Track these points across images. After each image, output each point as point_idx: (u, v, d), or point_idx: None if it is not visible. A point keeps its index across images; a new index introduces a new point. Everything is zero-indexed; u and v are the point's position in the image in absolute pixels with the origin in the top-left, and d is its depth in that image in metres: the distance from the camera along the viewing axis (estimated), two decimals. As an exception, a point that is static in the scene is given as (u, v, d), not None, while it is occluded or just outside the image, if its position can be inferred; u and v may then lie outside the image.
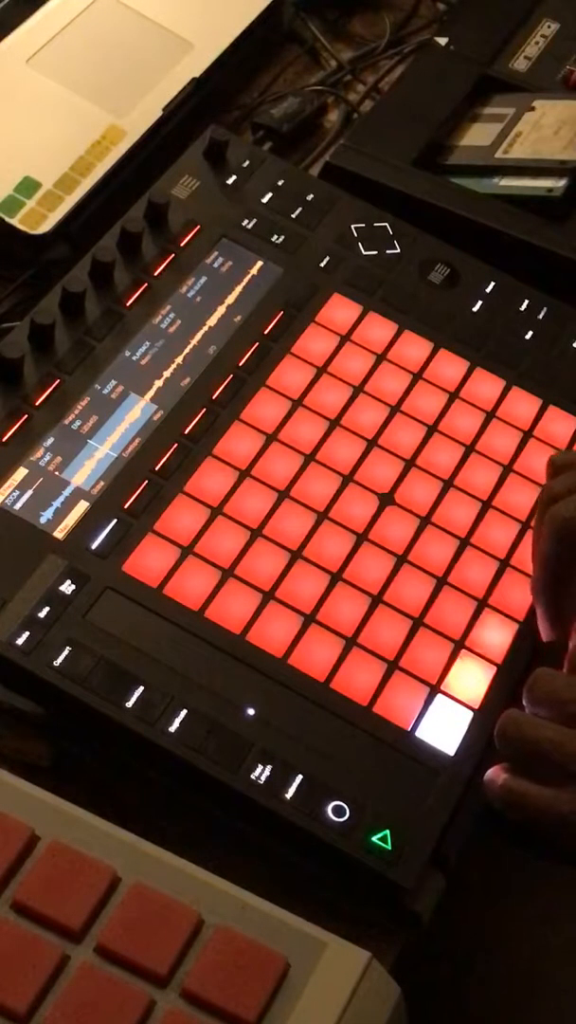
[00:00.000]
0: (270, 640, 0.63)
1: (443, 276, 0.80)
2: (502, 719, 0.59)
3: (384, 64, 1.00)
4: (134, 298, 0.74)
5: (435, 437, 0.73)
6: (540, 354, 0.78)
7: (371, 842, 0.59)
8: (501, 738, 0.58)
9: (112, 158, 0.83)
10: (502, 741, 0.58)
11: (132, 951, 0.50)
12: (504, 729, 0.58)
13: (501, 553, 0.69)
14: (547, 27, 0.98)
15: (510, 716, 0.59)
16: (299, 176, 0.85)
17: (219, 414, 0.71)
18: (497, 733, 0.59)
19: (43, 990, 0.49)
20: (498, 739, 0.59)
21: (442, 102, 0.91)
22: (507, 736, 0.58)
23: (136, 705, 0.60)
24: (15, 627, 0.61)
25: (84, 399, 0.70)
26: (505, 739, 0.58)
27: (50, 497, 0.66)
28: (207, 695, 0.61)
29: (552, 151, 0.86)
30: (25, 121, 0.84)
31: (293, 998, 0.50)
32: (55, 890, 0.51)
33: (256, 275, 0.77)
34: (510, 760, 0.58)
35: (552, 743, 0.57)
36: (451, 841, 0.60)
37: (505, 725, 0.58)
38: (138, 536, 0.65)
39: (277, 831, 0.59)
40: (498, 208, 0.84)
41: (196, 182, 0.80)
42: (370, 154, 0.86)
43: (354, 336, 0.76)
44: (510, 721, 0.58)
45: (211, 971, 0.50)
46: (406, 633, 0.65)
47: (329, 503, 0.69)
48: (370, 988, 0.51)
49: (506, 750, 0.58)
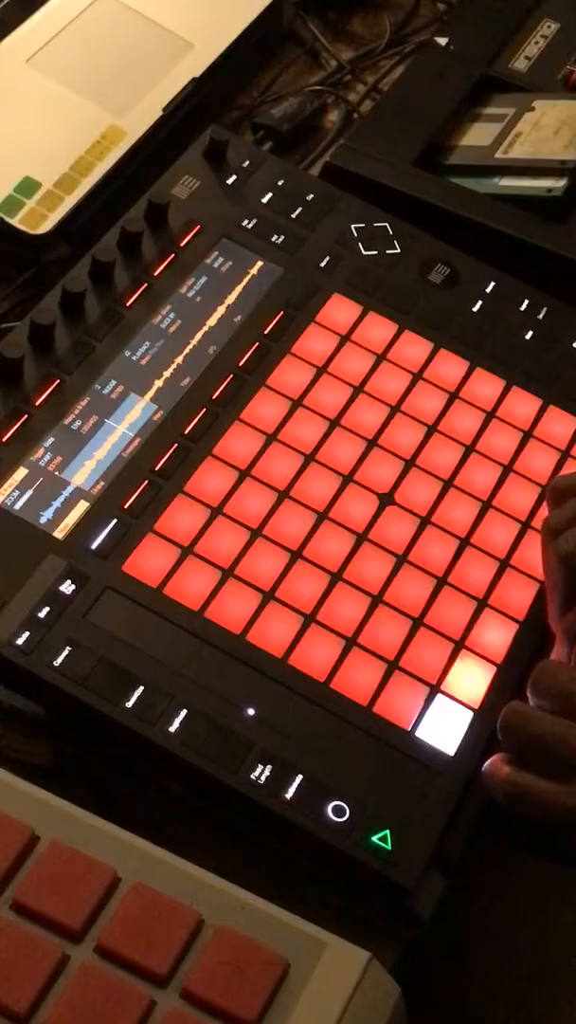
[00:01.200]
0: (270, 640, 0.63)
1: (443, 276, 0.80)
2: (506, 711, 0.58)
3: (384, 64, 1.00)
4: (134, 298, 0.74)
5: (435, 437, 0.73)
6: (540, 354, 0.78)
7: (371, 842, 0.59)
8: (505, 731, 0.58)
9: (112, 158, 0.83)
10: (506, 734, 0.58)
11: (132, 951, 0.50)
12: (508, 722, 0.58)
13: (501, 553, 0.69)
14: (547, 27, 0.98)
15: (514, 709, 0.58)
16: (299, 176, 0.85)
17: (219, 414, 0.71)
18: (501, 725, 0.58)
19: (43, 990, 0.49)
20: (502, 731, 0.58)
21: (442, 102, 0.91)
22: (512, 729, 0.58)
23: (136, 705, 0.60)
24: (15, 627, 0.61)
25: (84, 399, 0.70)
26: (509, 732, 0.58)
27: (50, 497, 0.66)
28: (207, 695, 0.61)
29: (552, 151, 0.86)
30: (25, 121, 0.84)
31: (293, 998, 0.50)
32: (55, 890, 0.51)
33: (256, 275, 0.77)
34: (513, 753, 0.58)
35: (558, 737, 0.56)
36: (451, 841, 0.60)
37: (509, 718, 0.58)
38: (138, 536, 0.65)
39: (277, 831, 0.59)
40: (498, 208, 0.84)
41: (196, 182, 0.80)
42: (370, 154, 0.86)
43: (354, 336, 0.76)
44: (514, 714, 0.58)
45: (211, 971, 0.50)
46: (406, 633, 0.65)
47: (329, 503, 0.69)
48: (370, 988, 0.51)
49: (510, 743, 0.58)
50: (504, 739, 0.58)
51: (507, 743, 0.58)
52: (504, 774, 0.57)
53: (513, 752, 0.58)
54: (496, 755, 0.59)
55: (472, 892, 0.72)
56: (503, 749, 0.59)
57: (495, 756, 0.59)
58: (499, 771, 0.58)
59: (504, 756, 0.58)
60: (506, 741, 0.58)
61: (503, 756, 0.58)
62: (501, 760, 0.58)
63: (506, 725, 0.58)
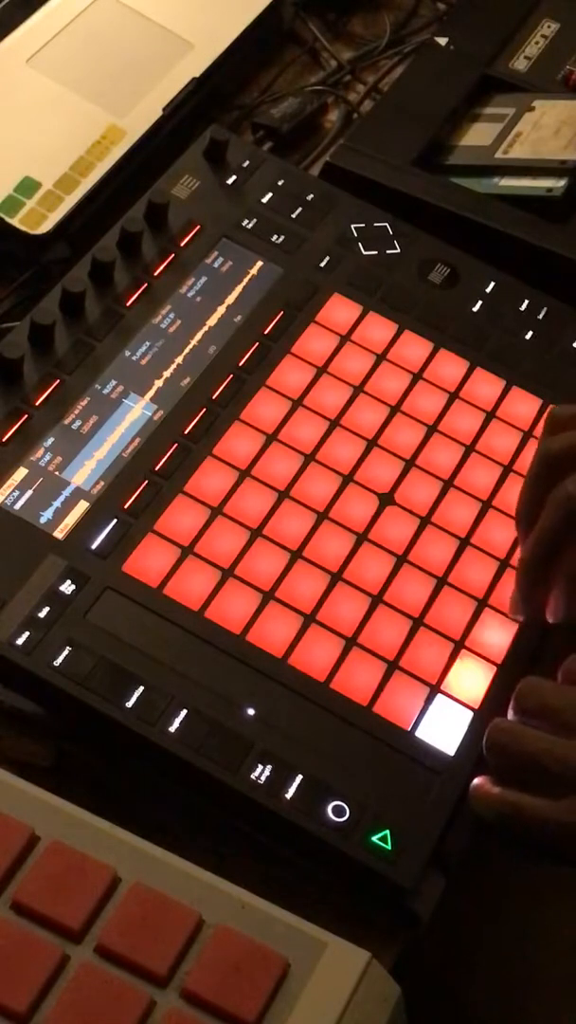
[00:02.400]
0: (270, 640, 0.63)
1: (443, 276, 0.80)
2: (490, 730, 0.57)
3: (384, 64, 1.00)
4: (134, 298, 0.74)
5: (435, 437, 0.73)
6: (540, 354, 0.78)
7: (371, 842, 0.59)
8: (492, 749, 0.57)
9: (112, 158, 0.83)
10: (493, 752, 0.57)
11: (132, 951, 0.50)
12: (494, 740, 0.57)
13: (501, 553, 0.69)
14: (547, 27, 0.98)
15: (498, 727, 0.57)
16: (299, 176, 0.85)
17: (219, 414, 0.71)
18: (487, 745, 0.57)
19: (43, 990, 0.49)
20: (488, 751, 0.57)
21: (442, 102, 0.91)
22: (497, 746, 0.57)
23: (136, 705, 0.60)
24: (15, 627, 0.61)
25: (84, 399, 0.70)
26: (495, 750, 0.57)
27: (50, 497, 0.66)
28: (207, 695, 0.61)
29: (552, 151, 0.86)
30: (25, 121, 0.84)
31: (293, 998, 0.50)
32: (55, 890, 0.51)
33: (256, 275, 0.77)
34: (501, 772, 0.57)
35: (548, 753, 0.55)
36: (451, 841, 0.60)
37: (494, 736, 0.57)
38: (138, 536, 0.65)
39: (277, 831, 0.59)
40: (498, 208, 0.84)
41: (196, 182, 0.80)
42: (370, 154, 0.86)
43: (354, 336, 0.76)
44: (499, 732, 0.57)
45: (211, 971, 0.50)
46: (406, 633, 0.65)
47: (329, 503, 0.69)
48: (370, 988, 0.51)
49: (497, 761, 0.57)
50: (491, 758, 0.57)
51: (494, 762, 0.57)
52: (493, 794, 0.56)
53: (500, 771, 0.57)
54: (482, 777, 0.57)
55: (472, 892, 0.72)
56: (489, 770, 0.57)
57: (481, 778, 0.57)
58: (488, 792, 0.56)
59: (490, 778, 0.57)
60: (493, 760, 0.57)
61: (489, 778, 0.57)
62: (488, 781, 0.57)
63: (492, 744, 0.57)
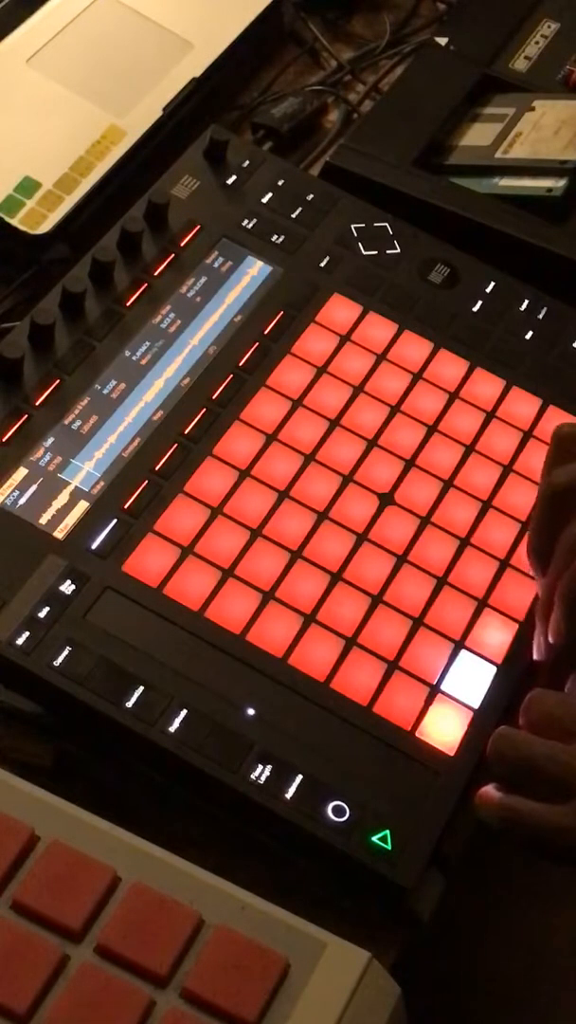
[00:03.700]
0: (270, 640, 0.63)
1: (443, 276, 0.80)
2: (494, 738, 0.58)
3: (384, 64, 1.00)
4: (134, 298, 0.74)
5: (435, 437, 0.73)
6: (540, 354, 0.78)
7: (371, 842, 0.59)
8: (495, 756, 0.57)
9: (112, 158, 0.83)
10: (496, 759, 0.57)
11: (132, 951, 0.50)
12: (497, 747, 0.57)
13: (501, 553, 0.69)
14: (547, 27, 0.98)
15: (502, 734, 0.58)
16: (299, 176, 0.85)
17: (219, 414, 0.71)
18: (490, 752, 0.58)
19: (43, 990, 0.49)
20: (491, 757, 0.58)
21: (442, 102, 0.91)
22: (500, 753, 0.57)
23: (136, 705, 0.60)
24: (15, 627, 0.61)
25: (84, 399, 0.70)
26: (498, 756, 0.57)
27: (50, 497, 0.66)
28: (207, 695, 0.61)
29: (552, 151, 0.86)
30: (25, 121, 0.84)
31: (293, 998, 0.50)
32: (55, 890, 0.51)
33: (256, 275, 0.77)
34: (504, 779, 0.57)
35: (549, 758, 0.56)
36: (451, 841, 0.60)
37: (498, 743, 0.57)
38: (138, 536, 0.65)
39: (277, 831, 0.59)
40: (498, 208, 0.84)
41: (196, 182, 0.80)
42: (370, 154, 0.86)
43: (354, 336, 0.76)
44: (502, 738, 0.57)
45: (211, 971, 0.50)
46: (406, 633, 0.65)
47: (329, 503, 0.69)
48: (370, 988, 0.51)
49: (500, 767, 0.57)
50: (494, 765, 0.57)
51: (497, 768, 0.57)
52: (497, 800, 0.57)
53: (504, 777, 0.57)
54: (487, 785, 0.58)
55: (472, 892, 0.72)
56: (493, 777, 0.58)
57: (486, 786, 0.58)
58: (491, 798, 0.57)
59: (495, 784, 0.57)
60: (496, 766, 0.57)
61: (494, 784, 0.57)
62: (492, 788, 0.57)
63: (496, 750, 0.57)
